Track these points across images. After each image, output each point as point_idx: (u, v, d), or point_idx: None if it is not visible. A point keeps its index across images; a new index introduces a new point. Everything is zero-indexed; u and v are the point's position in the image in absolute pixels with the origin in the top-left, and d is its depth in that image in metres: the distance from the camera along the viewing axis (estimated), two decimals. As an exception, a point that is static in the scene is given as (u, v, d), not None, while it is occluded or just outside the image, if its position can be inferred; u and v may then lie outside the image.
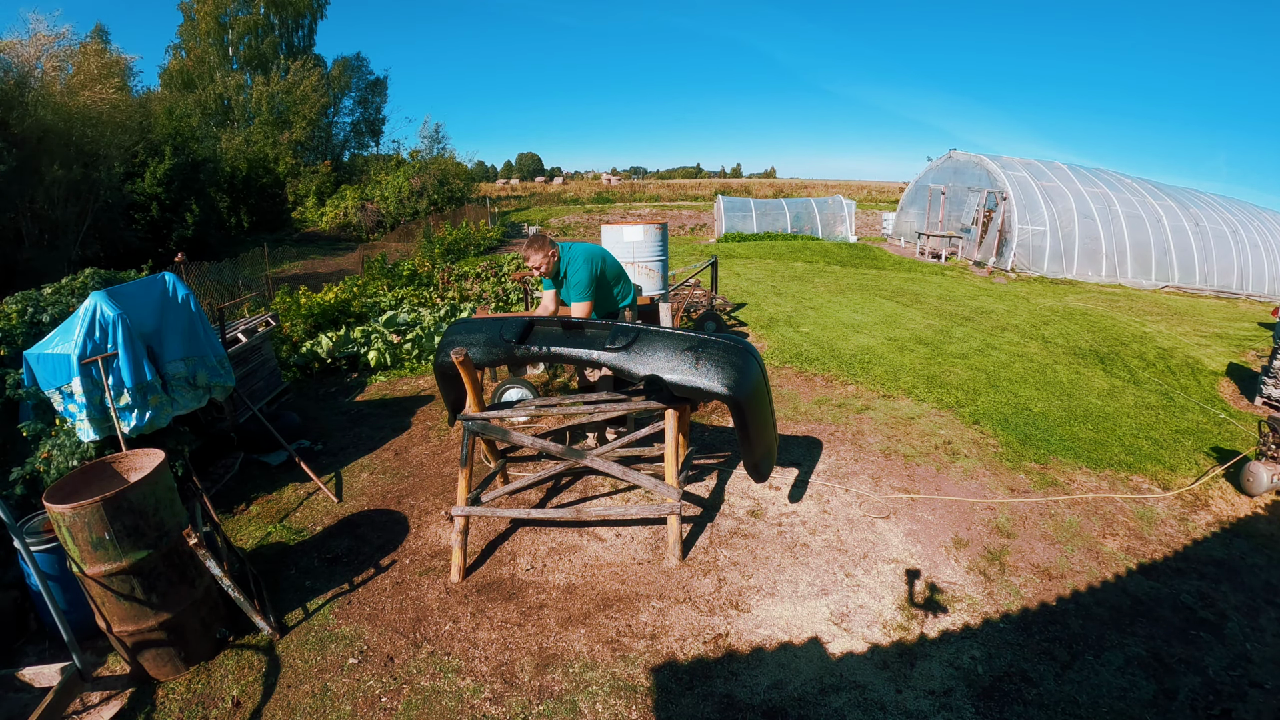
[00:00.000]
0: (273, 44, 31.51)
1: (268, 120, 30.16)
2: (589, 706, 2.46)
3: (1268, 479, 4.01)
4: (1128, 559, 3.41)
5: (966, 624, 2.88)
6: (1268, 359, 6.06)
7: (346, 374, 6.62)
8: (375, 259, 12.16)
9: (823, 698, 2.49)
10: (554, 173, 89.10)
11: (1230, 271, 15.48)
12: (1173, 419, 5.49)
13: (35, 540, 2.75)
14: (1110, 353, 7.67)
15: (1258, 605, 3.06)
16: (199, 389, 3.78)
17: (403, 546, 3.54)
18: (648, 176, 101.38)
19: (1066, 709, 2.43)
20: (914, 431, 5.03)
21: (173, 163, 19.12)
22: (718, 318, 7.96)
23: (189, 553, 2.67)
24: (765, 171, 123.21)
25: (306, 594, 3.14)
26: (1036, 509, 3.90)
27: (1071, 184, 16.20)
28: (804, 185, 54.16)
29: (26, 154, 13.76)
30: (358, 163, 34.21)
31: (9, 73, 13.94)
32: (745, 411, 3.03)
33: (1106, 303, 11.80)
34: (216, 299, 9.18)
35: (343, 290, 8.72)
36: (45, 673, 2.55)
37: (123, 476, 2.75)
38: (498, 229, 23.74)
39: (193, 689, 2.57)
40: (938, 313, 9.68)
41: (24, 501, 3.24)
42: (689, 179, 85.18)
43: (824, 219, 21.92)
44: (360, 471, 4.45)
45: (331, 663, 2.69)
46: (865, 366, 6.63)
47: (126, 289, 3.57)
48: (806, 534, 3.59)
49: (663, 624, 2.89)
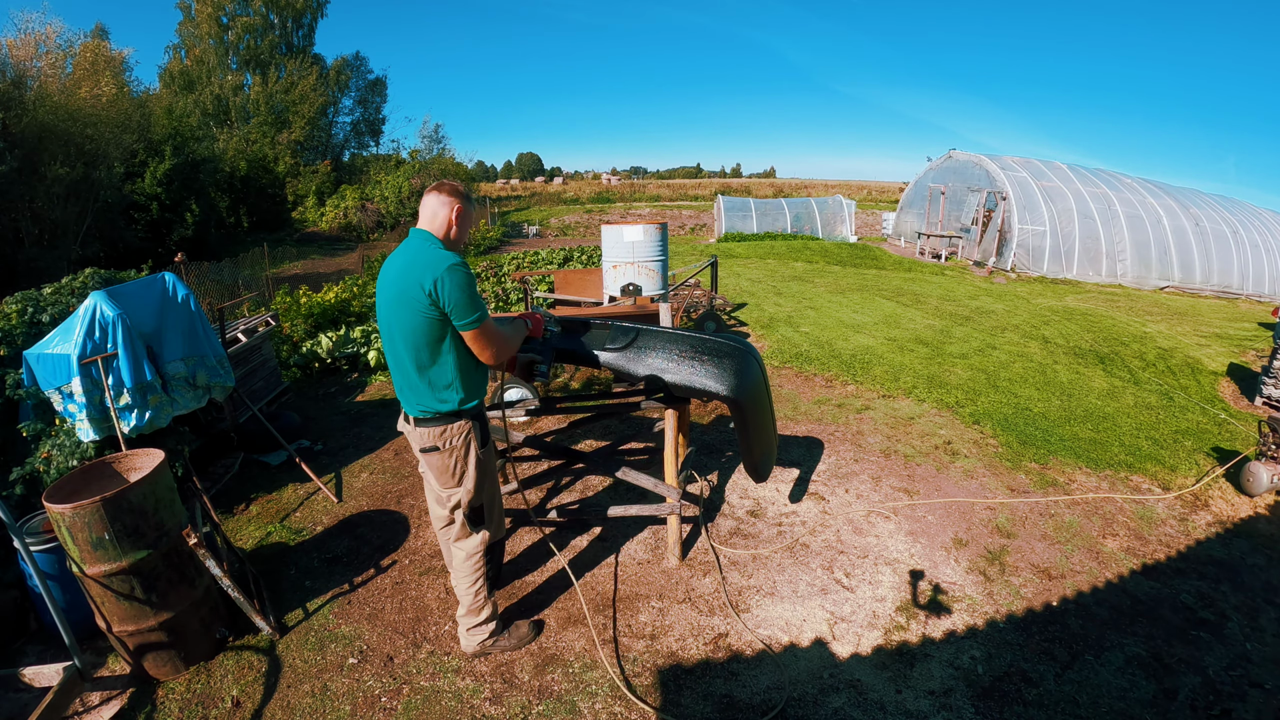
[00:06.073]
0: (272, 43, 31.47)
1: (266, 120, 30.14)
2: (588, 707, 2.46)
3: (1268, 479, 4.01)
4: (1128, 559, 3.41)
5: (966, 624, 2.89)
6: (1268, 359, 6.06)
7: (346, 374, 6.62)
8: (375, 259, 12.17)
9: (823, 697, 2.49)
10: (554, 173, 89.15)
11: (1230, 271, 15.48)
12: (1173, 419, 5.49)
13: (35, 540, 2.75)
14: (1110, 353, 7.67)
15: (1258, 605, 3.06)
16: (199, 389, 3.77)
17: (403, 546, 3.54)
18: (648, 176, 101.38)
19: (1066, 709, 2.43)
20: (914, 431, 5.03)
21: (173, 163, 19.13)
22: (718, 318, 7.96)
23: (189, 553, 2.67)
24: (765, 171, 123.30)
25: (306, 594, 3.14)
26: (1036, 509, 3.90)
27: (1071, 184, 16.20)
28: (804, 185, 54.17)
29: (26, 153, 13.76)
30: (358, 163, 34.20)
31: (5, 71, 13.94)
32: (745, 411, 3.02)
33: (1106, 303, 11.80)
34: (216, 299, 9.18)
35: (343, 290, 8.72)
36: (45, 673, 2.54)
37: (123, 476, 2.75)
38: (498, 229, 23.74)
39: (193, 689, 2.57)
40: (938, 313, 9.68)
41: (24, 501, 3.24)
42: (689, 179, 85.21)
43: (824, 219, 21.93)
44: (360, 471, 4.45)
45: (331, 663, 2.69)
46: (865, 366, 6.63)
47: (126, 289, 3.57)
48: (806, 534, 3.59)
49: (663, 624, 2.89)
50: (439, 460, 2.42)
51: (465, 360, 2.36)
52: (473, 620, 2.63)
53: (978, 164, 17.15)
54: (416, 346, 2.27)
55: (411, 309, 2.22)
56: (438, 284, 2.16)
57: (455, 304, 2.20)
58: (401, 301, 2.24)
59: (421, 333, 2.25)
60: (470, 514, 2.52)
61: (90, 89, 16.00)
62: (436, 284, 2.16)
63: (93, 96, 15.98)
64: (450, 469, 2.43)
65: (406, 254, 2.29)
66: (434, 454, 2.41)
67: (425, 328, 2.24)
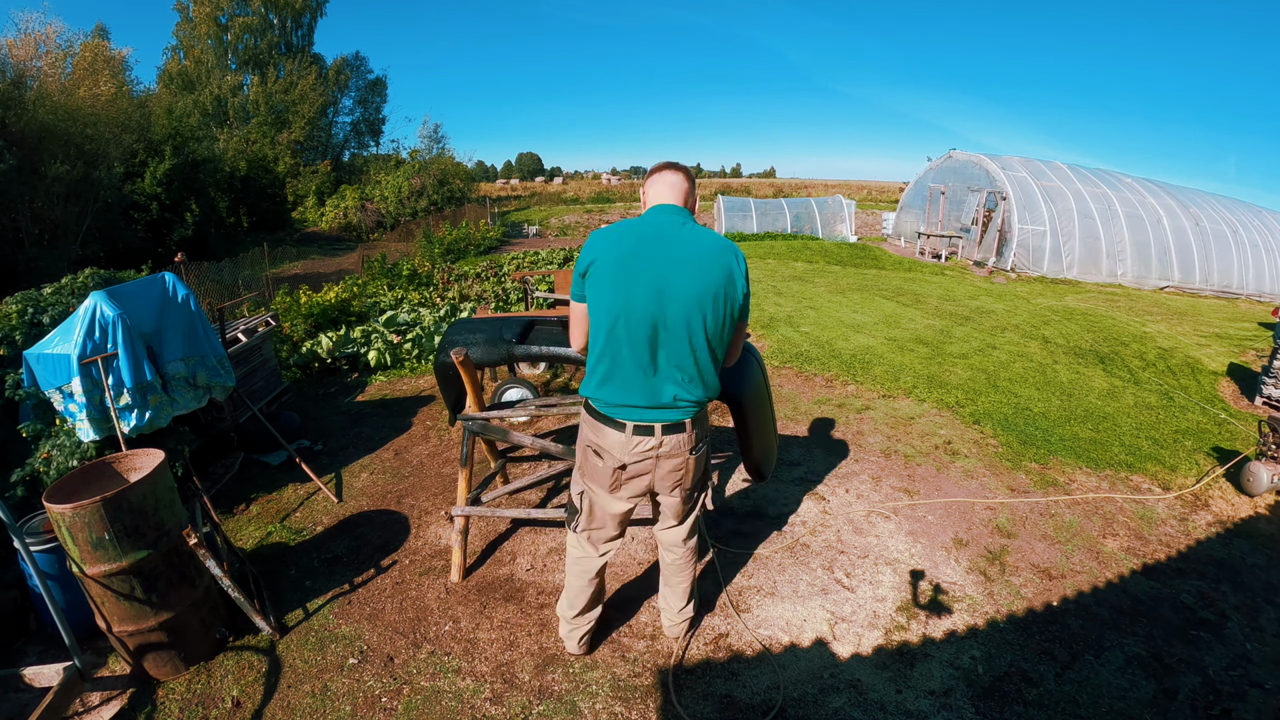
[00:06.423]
0: (271, 43, 31.47)
1: (266, 120, 30.14)
2: (589, 707, 2.46)
3: (1268, 479, 4.01)
4: (1128, 559, 3.41)
5: (967, 624, 2.89)
6: (1268, 359, 6.06)
7: (347, 374, 6.62)
8: (375, 259, 12.16)
9: (823, 697, 2.49)
10: (554, 172, 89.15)
11: (1230, 271, 15.49)
12: (1173, 419, 5.49)
13: (35, 540, 2.75)
14: (1110, 353, 7.67)
15: (1258, 605, 3.06)
16: (199, 389, 3.77)
17: (403, 546, 3.53)
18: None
19: (1066, 709, 2.43)
20: (914, 431, 5.03)
21: (172, 163, 19.14)
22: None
23: (189, 553, 2.67)
24: (765, 171, 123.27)
25: (306, 594, 3.14)
26: (1036, 509, 3.90)
27: (1071, 184, 16.21)
28: (804, 185, 54.15)
29: (26, 153, 13.77)
30: (357, 162, 34.23)
31: (5, 71, 13.94)
32: (745, 411, 3.02)
33: (1106, 302, 11.80)
34: (216, 299, 9.19)
35: (343, 290, 8.72)
36: (45, 673, 2.54)
37: (123, 476, 2.75)
38: (498, 229, 23.74)
39: (193, 689, 2.57)
40: (938, 312, 9.68)
41: (24, 501, 3.24)
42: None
43: (824, 219, 21.94)
44: (360, 471, 4.45)
45: (331, 663, 2.69)
46: (865, 366, 6.63)
47: (126, 289, 3.57)
48: (806, 534, 3.59)
49: (663, 624, 2.89)
50: (706, 453, 2.38)
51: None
52: (692, 610, 2.72)
53: (978, 164, 17.15)
54: (721, 334, 2.11)
55: (727, 291, 2.06)
56: (741, 268, 2.09)
57: (747, 291, 2.14)
58: (717, 283, 2.03)
59: (726, 318, 2.10)
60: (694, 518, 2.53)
61: (90, 89, 16.02)
62: (741, 267, 2.09)
63: (92, 96, 15.99)
64: (694, 470, 2.33)
65: (698, 233, 2.08)
66: (702, 449, 2.31)
67: (730, 313, 2.10)
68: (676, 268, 2.01)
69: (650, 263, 2.02)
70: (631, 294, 2.01)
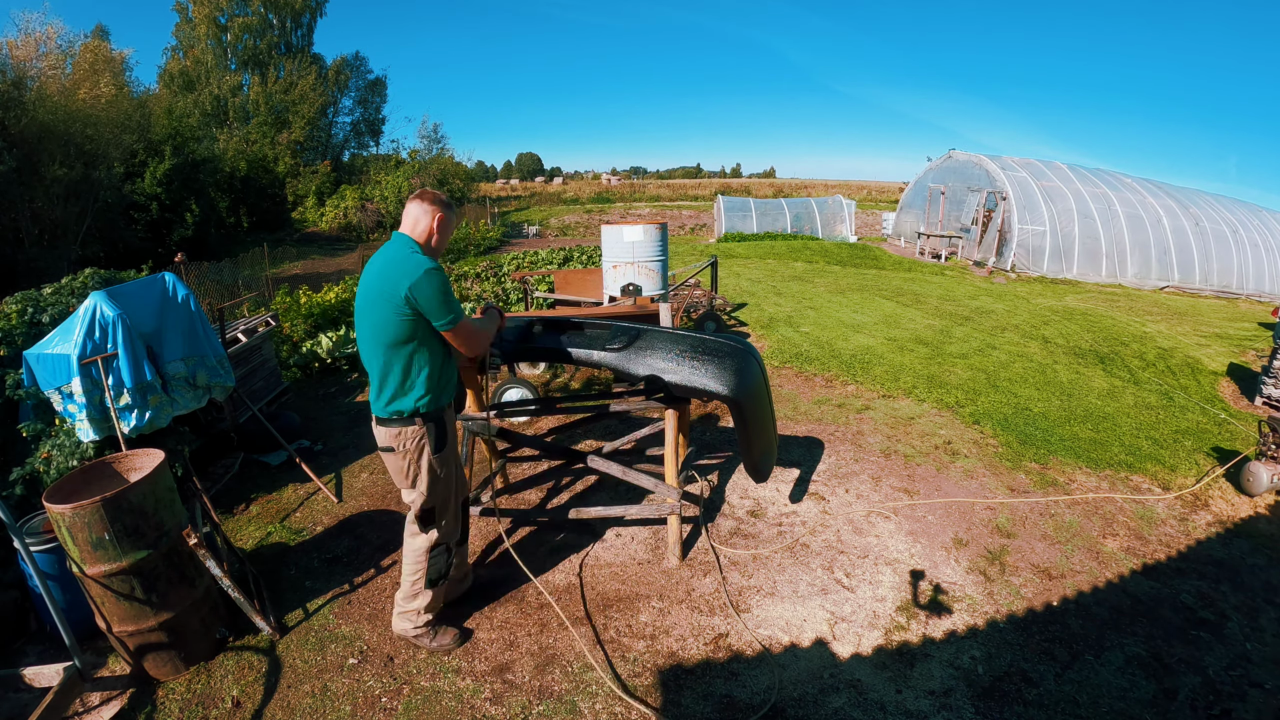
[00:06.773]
0: (271, 43, 31.45)
1: (266, 120, 30.13)
2: (589, 707, 2.45)
3: (1268, 479, 4.01)
4: (1128, 559, 3.41)
5: (967, 624, 2.88)
6: (1268, 359, 6.06)
7: (346, 374, 6.62)
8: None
9: (823, 697, 2.49)
10: (554, 173, 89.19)
11: (1230, 271, 15.48)
12: (1173, 419, 5.49)
13: (35, 540, 2.75)
14: (1110, 353, 7.67)
15: (1258, 605, 3.06)
16: (199, 389, 3.77)
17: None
18: (648, 176, 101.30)
19: (1066, 709, 2.43)
20: (914, 431, 5.03)
21: (172, 163, 19.14)
22: (718, 318, 7.96)
23: (189, 553, 2.67)
24: (765, 171, 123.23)
25: (306, 594, 3.14)
26: (1036, 509, 3.90)
27: (1071, 184, 16.21)
28: (804, 185, 54.15)
29: (26, 153, 13.77)
30: (357, 163, 34.21)
31: (5, 72, 13.94)
32: (745, 411, 3.03)
33: (1106, 303, 11.81)
34: (216, 299, 9.19)
35: (343, 290, 8.72)
36: (45, 673, 2.54)
37: (123, 476, 2.75)
38: (497, 229, 23.76)
39: (193, 689, 2.57)
40: (938, 313, 9.68)
41: (24, 501, 3.24)
42: (689, 179, 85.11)
43: (824, 219, 21.94)
44: (360, 471, 4.45)
45: (331, 663, 2.69)
46: (865, 366, 6.63)
47: (126, 289, 3.57)
48: (806, 534, 3.59)
49: (663, 624, 2.89)
50: (394, 461, 2.52)
51: (429, 364, 2.42)
52: (405, 605, 2.71)
53: (978, 164, 17.15)
54: (384, 346, 2.35)
55: (385, 309, 2.29)
56: (414, 288, 2.25)
57: (433, 307, 2.29)
58: (377, 302, 2.31)
59: (391, 333, 2.32)
60: (421, 515, 2.60)
61: (90, 89, 16.01)
62: (413, 288, 2.24)
63: (92, 97, 15.99)
64: (404, 470, 2.52)
65: (386, 257, 2.37)
66: (389, 455, 2.52)
67: (396, 328, 2.31)
68: (361, 291, 2.43)
69: (360, 288, 2.46)
70: (356, 312, 2.48)
